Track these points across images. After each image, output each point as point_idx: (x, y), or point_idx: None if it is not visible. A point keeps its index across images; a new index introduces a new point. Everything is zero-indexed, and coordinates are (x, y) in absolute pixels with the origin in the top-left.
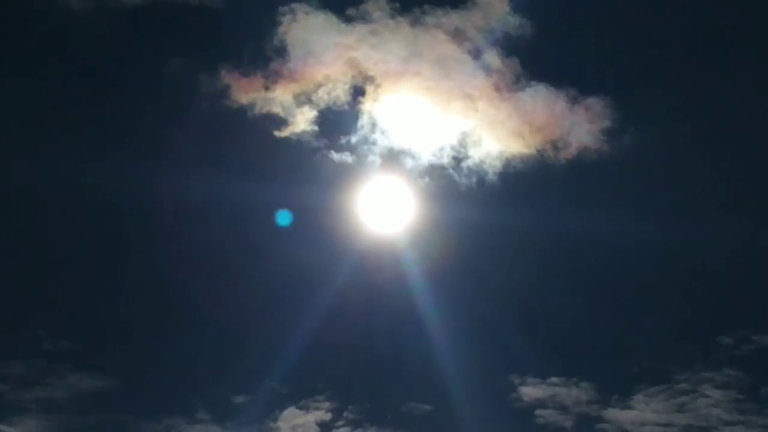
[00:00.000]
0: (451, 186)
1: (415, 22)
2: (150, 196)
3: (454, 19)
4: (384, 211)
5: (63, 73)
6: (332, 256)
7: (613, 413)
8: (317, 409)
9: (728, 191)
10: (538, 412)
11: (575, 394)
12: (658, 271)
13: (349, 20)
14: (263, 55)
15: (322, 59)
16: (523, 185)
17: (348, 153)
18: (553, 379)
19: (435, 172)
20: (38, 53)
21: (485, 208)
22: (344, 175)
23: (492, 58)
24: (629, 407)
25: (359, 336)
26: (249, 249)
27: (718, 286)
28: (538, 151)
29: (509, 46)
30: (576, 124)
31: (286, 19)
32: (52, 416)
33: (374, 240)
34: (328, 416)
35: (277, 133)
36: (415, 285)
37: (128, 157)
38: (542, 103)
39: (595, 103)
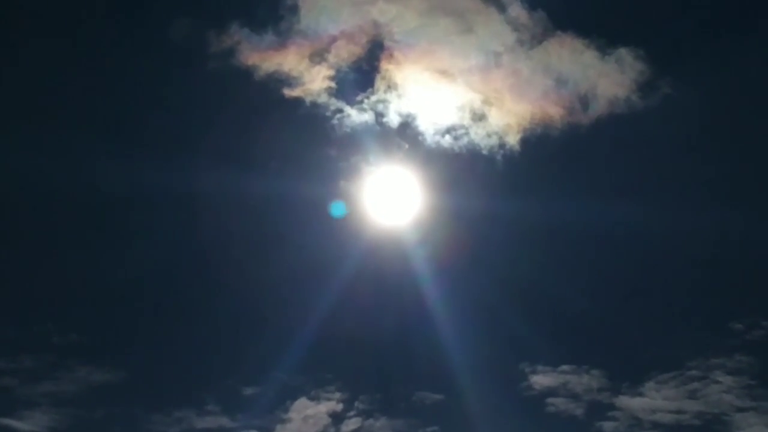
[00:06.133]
0: (471, 147)
1: None
2: (154, 181)
3: None
4: (398, 182)
5: (69, 33)
6: (341, 239)
7: (624, 400)
8: (328, 399)
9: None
10: (549, 400)
11: (586, 381)
12: (669, 257)
13: None
14: (275, 12)
15: (337, 15)
16: (547, 149)
17: (364, 114)
18: (564, 367)
19: (454, 132)
20: (43, 13)
21: (505, 177)
22: (360, 138)
23: (517, 10)
24: (640, 394)
25: (369, 326)
26: (258, 238)
27: (729, 272)
28: (564, 108)
29: None
30: (605, 78)
31: None
32: (62, 410)
33: (384, 226)
34: (340, 406)
35: (288, 93)
36: (425, 271)
37: (132, 141)
38: (569, 56)
39: (625, 54)
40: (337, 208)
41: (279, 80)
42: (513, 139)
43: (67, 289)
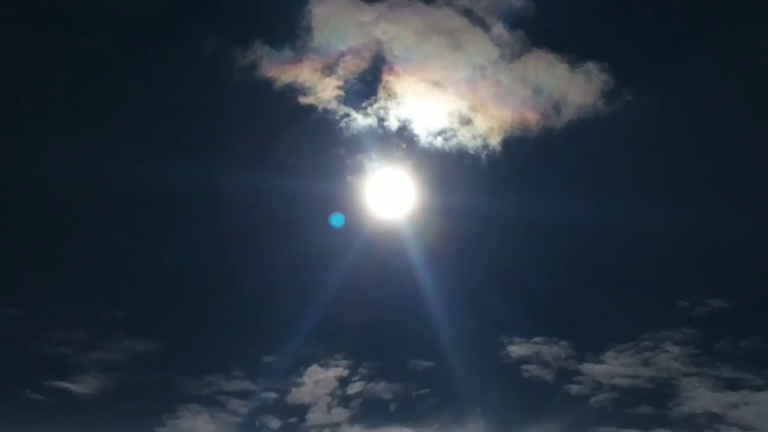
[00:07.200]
0: (459, 147)
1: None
2: (187, 179)
3: None
4: (396, 177)
5: (104, 51)
6: (347, 229)
7: (587, 367)
8: (336, 366)
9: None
10: (524, 367)
11: (555, 351)
12: (627, 244)
13: (370, 1)
14: (292, 31)
15: (345, 35)
16: (525, 149)
17: (368, 118)
18: (537, 339)
19: (445, 135)
20: (74, 30)
21: (488, 174)
22: (364, 139)
23: (500, 30)
24: (601, 362)
25: (371, 304)
26: (275, 229)
27: (677, 257)
28: (540, 113)
29: (515, 20)
30: (575, 87)
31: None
32: (110, 375)
33: (384, 216)
34: (346, 372)
35: (302, 100)
36: (419, 257)
37: (169, 145)
38: (544, 69)
39: (592, 67)
40: (336, 219)
41: (295, 90)
42: (495, 141)
43: (115, 272)
